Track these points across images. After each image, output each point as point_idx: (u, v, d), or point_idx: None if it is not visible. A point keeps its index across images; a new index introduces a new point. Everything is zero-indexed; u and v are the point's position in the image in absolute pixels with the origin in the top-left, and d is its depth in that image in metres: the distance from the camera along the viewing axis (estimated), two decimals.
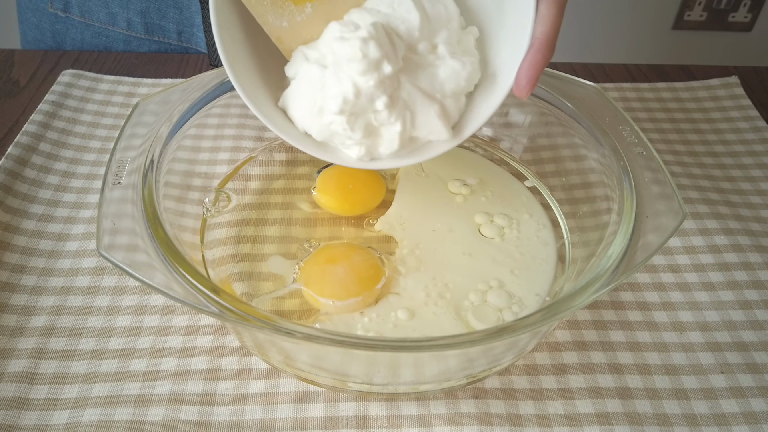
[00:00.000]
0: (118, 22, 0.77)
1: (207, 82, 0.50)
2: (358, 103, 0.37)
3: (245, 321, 0.34)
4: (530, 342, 0.42)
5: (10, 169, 0.55)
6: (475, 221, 0.50)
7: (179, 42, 0.79)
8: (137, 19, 0.77)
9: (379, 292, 0.45)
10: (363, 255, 0.46)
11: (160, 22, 0.78)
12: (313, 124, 0.40)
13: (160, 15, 0.77)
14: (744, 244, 0.53)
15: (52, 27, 0.79)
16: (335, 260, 0.46)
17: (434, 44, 0.40)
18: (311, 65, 0.39)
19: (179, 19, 0.77)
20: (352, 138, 0.39)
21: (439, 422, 0.41)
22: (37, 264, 0.49)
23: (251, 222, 0.51)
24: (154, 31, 0.78)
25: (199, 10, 0.76)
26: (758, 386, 0.44)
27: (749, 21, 1.57)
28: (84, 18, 0.77)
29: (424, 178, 0.54)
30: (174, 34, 0.79)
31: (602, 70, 0.76)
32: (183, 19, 0.77)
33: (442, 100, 0.40)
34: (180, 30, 0.78)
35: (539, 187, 0.54)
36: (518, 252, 0.48)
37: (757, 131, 0.67)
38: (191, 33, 0.78)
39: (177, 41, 0.79)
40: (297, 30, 0.39)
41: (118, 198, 0.40)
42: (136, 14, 0.77)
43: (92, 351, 0.44)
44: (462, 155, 0.57)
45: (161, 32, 0.78)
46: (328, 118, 0.39)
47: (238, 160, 0.55)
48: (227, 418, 0.41)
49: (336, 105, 0.37)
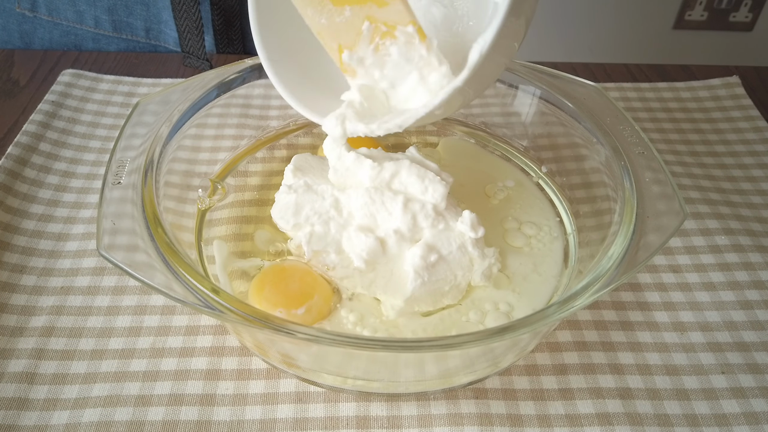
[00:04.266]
0: (85, 20, 0.78)
1: (207, 82, 0.50)
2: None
3: (245, 321, 0.34)
4: (531, 342, 0.42)
5: (10, 169, 0.55)
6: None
7: (147, 40, 0.79)
8: (105, 16, 0.77)
9: (326, 306, 0.43)
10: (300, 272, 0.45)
11: (127, 20, 0.78)
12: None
13: (128, 12, 0.77)
14: (745, 244, 0.53)
15: (19, 27, 0.79)
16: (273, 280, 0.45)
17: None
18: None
19: (146, 16, 0.77)
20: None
21: (440, 422, 0.41)
22: (37, 264, 0.49)
23: (251, 220, 0.51)
24: (122, 29, 0.78)
25: (166, 6, 0.76)
26: (759, 386, 0.44)
27: (750, 21, 1.57)
28: (52, 17, 0.78)
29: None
30: (142, 31, 0.79)
31: (603, 70, 0.76)
32: (150, 15, 0.77)
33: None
34: (148, 27, 0.78)
35: (544, 186, 0.54)
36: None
37: (758, 131, 0.67)
38: (159, 30, 0.79)
39: (145, 39, 0.79)
40: (336, 30, 0.40)
41: (118, 198, 0.40)
42: (104, 11, 0.77)
43: (92, 351, 0.44)
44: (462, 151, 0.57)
45: (129, 30, 0.78)
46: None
47: (238, 159, 0.55)
48: (227, 419, 0.41)
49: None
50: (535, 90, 0.53)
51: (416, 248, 0.42)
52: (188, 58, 0.75)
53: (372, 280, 0.43)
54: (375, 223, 0.44)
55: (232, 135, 0.55)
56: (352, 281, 0.44)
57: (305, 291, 0.42)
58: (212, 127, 0.53)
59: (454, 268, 0.43)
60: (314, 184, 0.46)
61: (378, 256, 0.42)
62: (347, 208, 0.44)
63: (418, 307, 0.43)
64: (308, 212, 0.44)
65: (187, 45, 0.75)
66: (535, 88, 0.53)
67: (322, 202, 0.44)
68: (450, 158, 0.56)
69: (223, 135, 0.55)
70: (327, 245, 0.44)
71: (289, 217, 0.45)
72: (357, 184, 0.45)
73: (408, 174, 0.44)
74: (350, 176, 0.45)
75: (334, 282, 0.44)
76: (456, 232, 0.43)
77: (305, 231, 0.44)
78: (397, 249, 0.43)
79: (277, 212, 0.46)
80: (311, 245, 0.44)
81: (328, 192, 0.45)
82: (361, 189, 0.44)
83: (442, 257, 0.42)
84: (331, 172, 0.46)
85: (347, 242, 0.43)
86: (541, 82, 0.52)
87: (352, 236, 0.43)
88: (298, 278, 0.43)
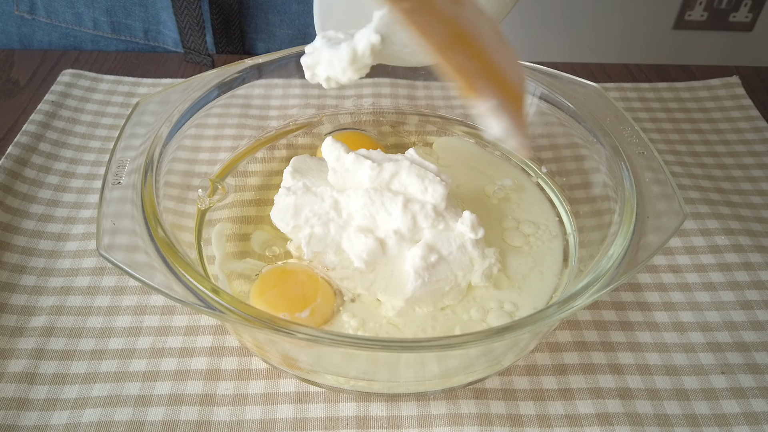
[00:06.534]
0: (84, 22, 0.77)
1: (207, 82, 0.50)
2: None
3: (245, 321, 0.34)
4: (531, 342, 0.42)
5: (10, 169, 0.55)
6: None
7: (146, 41, 0.79)
8: (103, 18, 0.77)
9: (329, 307, 0.43)
10: (302, 275, 0.45)
11: (126, 21, 0.77)
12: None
13: (126, 13, 0.77)
14: (745, 244, 0.53)
15: (18, 30, 0.79)
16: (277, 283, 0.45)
17: None
18: None
19: (145, 17, 0.77)
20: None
21: (440, 423, 0.41)
22: (37, 264, 0.49)
23: (251, 220, 0.51)
24: (120, 30, 0.78)
25: (164, 7, 0.75)
26: (759, 386, 0.44)
27: (750, 21, 1.57)
28: (50, 19, 0.77)
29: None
30: (140, 32, 0.78)
31: (603, 70, 0.76)
32: (149, 16, 0.77)
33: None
34: (146, 28, 0.78)
35: (544, 186, 0.54)
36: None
37: (758, 131, 0.67)
38: (158, 31, 0.78)
39: (144, 40, 0.79)
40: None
41: (118, 198, 0.40)
42: (102, 13, 0.77)
43: (92, 351, 0.44)
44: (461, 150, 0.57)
45: (128, 31, 0.78)
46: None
47: (238, 159, 0.55)
48: (227, 419, 0.41)
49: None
50: (535, 90, 0.53)
51: (416, 249, 0.42)
52: (190, 54, 0.75)
53: (372, 281, 0.43)
54: (375, 223, 0.44)
55: (231, 135, 0.55)
56: (352, 282, 0.44)
57: (308, 294, 0.42)
58: (212, 127, 0.53)
59: (454, 268, 0.43)
60: (313, 186, 0.46)
61: (378, 256, 0.42)
62: (347, 209, 0.44)
63: (419, 307, 0.43)
64: (307, 214, 0.44)
65: (189, 41, 0.75)
66: (535, 87, 0.53)
67: (322, 203, 0.44)
68: (449, 158, 0.56)
69: (223, 135, 0.55)
70: (327, 246, 0.44)
71: (289, 219, 0.45)
72: (356, 185, 0.45)
73: (408, 174, 0.44)
74: (349, 177, 0.45)
75: (334, 283, 0.44)
76: (456, 233, 0.43)
77: (305, 232, 0.44)
78: (397, 249, 0.43)
79: (277, 214, 0.46)
80: (311, 246, 0.44)
81: (328, 193, 0.45)
82: (360, 190, 0.44)
83: (443, 257, 0.42)
84: (331, 173, 0.46)
85: (347, 243, 0.43)
86: (541, 82, 0.52)
87: (352, 237, 0.43)
88: (300, 281, 0.43)
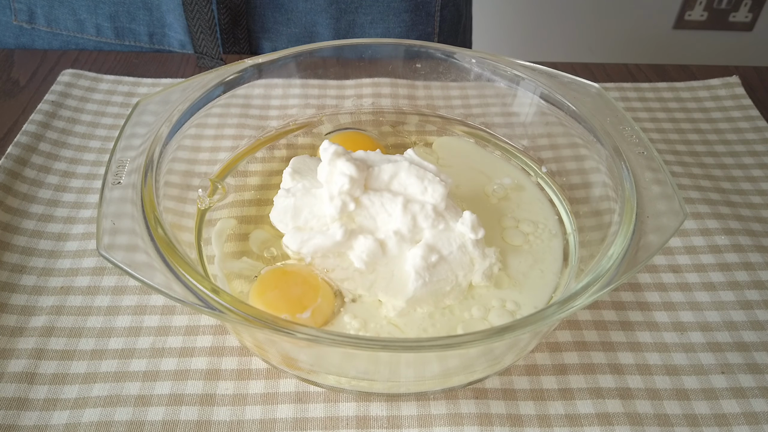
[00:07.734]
0: (86, 29, 0.75)
1: (207, 82, 0.50)
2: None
3: (245, 321, 0.34)
4: (531, 342, 0.42)
5: (10, 169, 0.55)
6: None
7: (151, 45, 0.77)
8: (106, 24, 0.75)
9: (329, 308, 0.43)
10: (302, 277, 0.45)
11: (130, 26, 0.75)
12: None
13: (130, 18, 0.74)
14: (745, 244, 0.53)
15: (16, 41, 0.77)
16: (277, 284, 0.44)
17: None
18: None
19: (149, 20, 0.75)
20: None
21: (440, 422, 0.41)
22: (36, 264, 0.49)
23: (251, 220, 0.51)
24: (124, 36, 0.76)
25: (170, 9, 0.73)
26: (759, 386, 0.44)
27: (750, 21, 1.57)
28: (51, 28, 0.75)
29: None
30: (145, 36, 0.76)
31: (603, 70, 0.76)
32: (153, 20, 0.75)
33: None
34: (151, 32, 0.76)
35: (544, 185, 0.54)
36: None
37: (758, 131, 0.67)
38: (163, 34, 0.76)
39: (149, 44, 0.77)
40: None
41: (118, 198, 0.40)
42: (105, 19, 0.74)
43: (92, 351, 0.44)
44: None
45: (132, 36, 0.76)
46: None
47: (238, 159, 0.55)
48: (227, 419, 0.41)
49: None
50: (535, 90, 0.53)
51: (417, 249, 0.42)
52: (202, 59, 0.73)
53: (373, 282, 0.43)
54: (375, 224, 0.44)
55: (232, 135, 0.55)
56: (353, 283, 0.44)
57: (308, 295, 0.42)
58: (212, 127, 0.53)
59: (455, 268, 0.43)
60: (313, 187, 0.46)
61: (378, 257, 0.42)
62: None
63: (420, 307, 0.43)
64: (307, 215, 0.44)
65: (201, 45, 0.73)
66: (535, 87, 0.53)
67: (321, 204, 0.44)
68: (448, 158, 0.56)
69: (223, 135, 0.55)
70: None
71: (288, 220, 0.45)
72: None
73: (407, 175, 0.44)
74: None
75: (335, 284, 0.44)
76: (456, 233, 0.43)
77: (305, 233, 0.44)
78: (398, 250, 0.43)
79: (276, 215, 0.46)
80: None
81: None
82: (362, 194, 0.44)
83: (443, 257, 0.42)
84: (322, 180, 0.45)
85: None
86: (541, 82, 0.52)
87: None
88: (300, 282, 0.43)
